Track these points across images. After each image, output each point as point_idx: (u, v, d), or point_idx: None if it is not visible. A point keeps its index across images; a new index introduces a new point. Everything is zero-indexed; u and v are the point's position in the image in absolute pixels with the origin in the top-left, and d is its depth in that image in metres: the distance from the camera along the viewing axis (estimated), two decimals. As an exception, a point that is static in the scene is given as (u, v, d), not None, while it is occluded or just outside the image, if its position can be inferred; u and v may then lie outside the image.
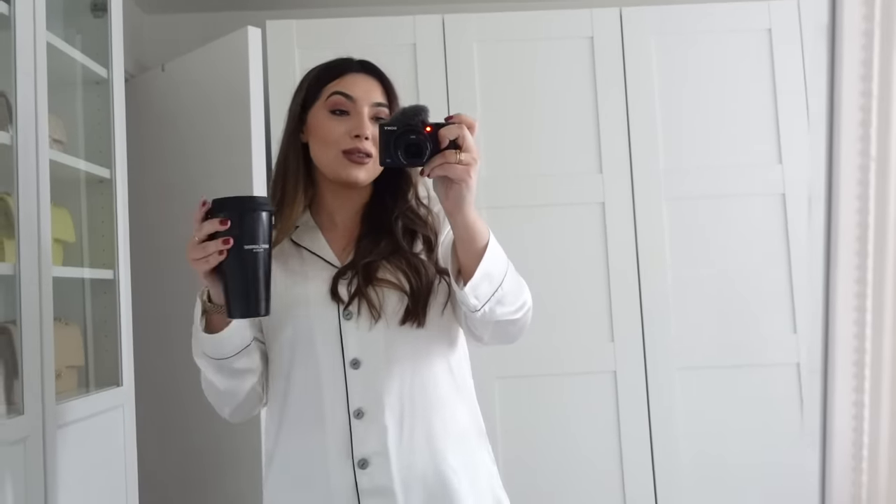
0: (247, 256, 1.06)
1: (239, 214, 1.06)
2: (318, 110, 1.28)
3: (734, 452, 2.43)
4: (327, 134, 1.25)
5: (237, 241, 1.05)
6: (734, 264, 2.47)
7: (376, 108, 1.26)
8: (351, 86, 1.27)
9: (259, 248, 1.07)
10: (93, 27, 2.03)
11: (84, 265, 1.97)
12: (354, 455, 1.18)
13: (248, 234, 1.06)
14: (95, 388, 1.94)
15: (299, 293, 1.23)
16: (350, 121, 1.25)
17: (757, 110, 2.52)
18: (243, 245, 1.06)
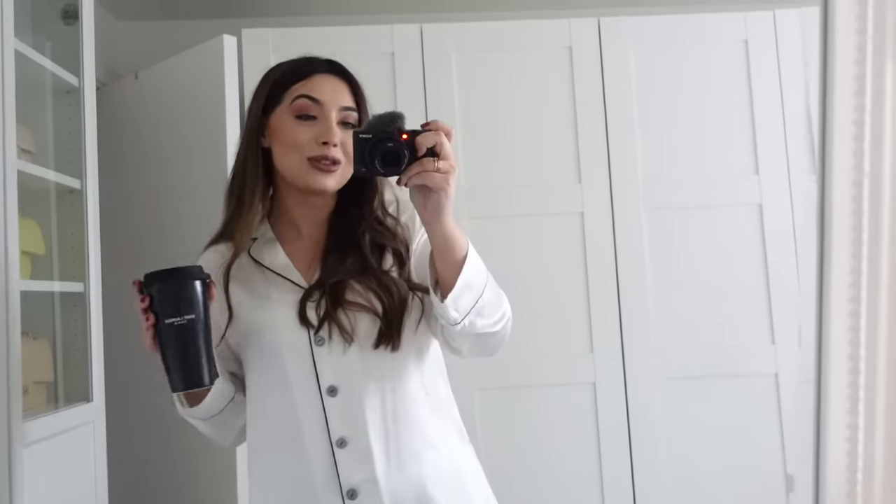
0: (168, 331, 1.04)
1: (157, 289, 1.04)
2: (282, 114, 1.21)
3: (714, 463, 2.43)
4: (292, 140, 1.19)
5: (158, 316, 1.04)
6: (713, 274, 2.48)
7: (344, 112, 1.21)
8: (318, 88, 1.20)
9: (181, 319, 1.03)
10: (63, 34, 1.99)
11: (54, 278, 1.92)
12: (342, 486, 1.14)
13: (170, 308, 1.04)
14: (65, 404, 1.88)
15: (266, 318, 1.18)
16: (317, 126, 1.19)
17: (734, 121, 2.53)
18: (164, 320, 1.04)
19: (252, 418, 1.21)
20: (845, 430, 0.63)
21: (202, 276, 1.07)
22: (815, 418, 0.65)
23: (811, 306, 0.64)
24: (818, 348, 0.64)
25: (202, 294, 1.06)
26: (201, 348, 1.05)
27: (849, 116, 0.60)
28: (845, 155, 0.59)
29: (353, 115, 1.22)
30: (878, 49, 0.59)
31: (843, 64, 0.60)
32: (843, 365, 0.62)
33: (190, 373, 1.05)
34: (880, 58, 0.59)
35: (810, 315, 0.64)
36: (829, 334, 0.64)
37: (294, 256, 1.22)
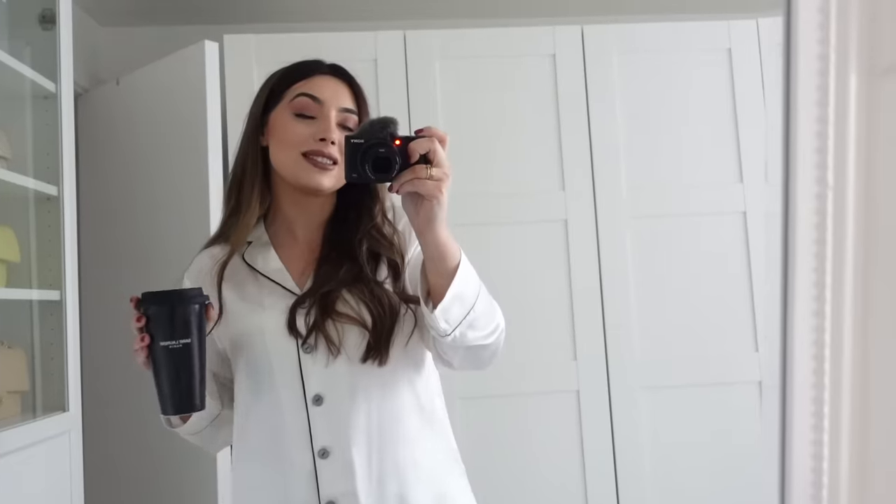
0: (163, 354, 1.02)
1: (154, 310, 1.03)
2: (281, 111, 1.19)
3: (697, 470, 2.43)
4: (289, 136, 1.17)
5: (155, 337, 1.02)
6: (696, 282, 2.48)
7: (344, 113, 1.19)
8: (318, 88, 1.19)
9: (177, 343, 1.02)
10: (41, 40, 1.97)
11: (31, 286, 1.90)
12: (321, 497, 1.12)
13: (166, 330, 1.02)
14: (41, 413, 1.86)
15: (255, 324, 1.16)
16: (315, 124, 1.17)
17: (718, 129, 2.53)
18: (159, 342, 1.02)
19: (238, 423, 1.19)
20: (810, 447, 0.62)
21: (200, 300, 1.05)
22: (780, 419, 0.65)
23: (775, 319, 0.63)
24: (782, 362, 0.63)
25: (199, 318, 1.04)
26: (195, 373, 1.03)
27: (811, 128, 0.59)
28: (808, 167, 0.59)
29: (353, 117, 1.20)
30: (841, 60, 0.59)
31: (805, 74, 0.59)
32: (808, 380, 0.61)
33: (181, 397, 1.03)
34: (843, 68, 0.58)
35: (774, 327, 0.64)
36: (794, 349, 0.63)
37: (288, 262, 1.20)
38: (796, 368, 0.63)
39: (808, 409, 0.63)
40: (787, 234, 0.59)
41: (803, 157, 0.58)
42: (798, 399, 0.61)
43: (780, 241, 0.62)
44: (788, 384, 0.63)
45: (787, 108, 0.59)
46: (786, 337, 0.62)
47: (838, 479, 0.60)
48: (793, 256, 0.59)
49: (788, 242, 0.59)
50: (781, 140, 0.60)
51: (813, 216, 0.57)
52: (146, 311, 1.03)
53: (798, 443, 0.61)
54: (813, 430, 0.61)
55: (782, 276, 0.61)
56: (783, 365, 0.63)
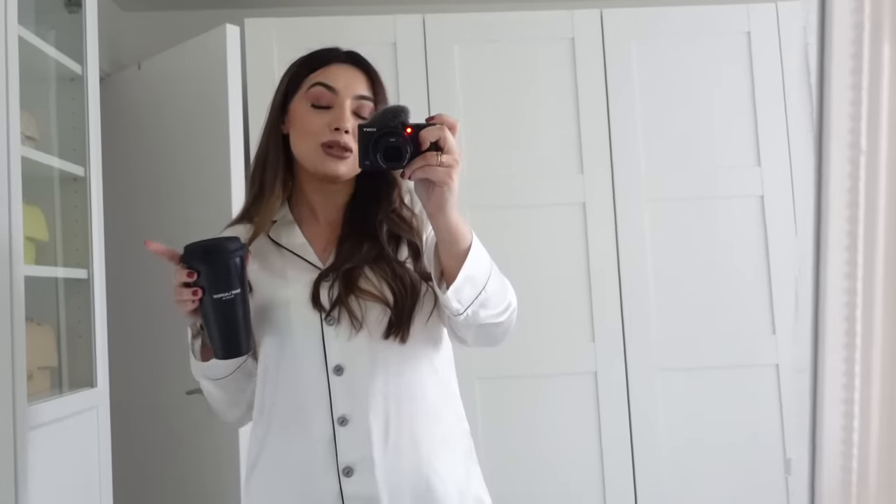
0: (217, 305, 1.08)
1: (205, 266, 1.07)
2: (299, 101, 1.24)
3: (714, 453, 2.44)
4: (307, 126, 1.21)
5: (206, 291, 1.07)
6: (714, 265, 2.48)
7: (359, 101, 1.22)
8: (334, 77, 1.23)
9: (229, 294, 1.08)
10: (67, 23, 1.99)
11: (57, 264, 1.93)
12: (339, 463, 1.16)
13: (216, 284, 1.07)
14: (69, 389, 1.90)
15: (280, 296, 1.20)
16: (331, 114, 1.21)
17: (736, 112, 2.53)
18: (212, 295, 1.07)
19: (260, 390, 1.23)
20: (841, 406, 0.64)
21: (243, 251, 1.11)
22: (810, 397, 0.66)
23: (808, 282, 0.64)
24: (814, 325, 0.65)
25: (242, 267, 1.10)
26: (241, 319, 1.09)
27: (845, 96, 0.61)
28: (842, 132, 0.60)
29: (369, 104, 1.23)
30: (875, 28, 0.60)
31: (839, 43, 0.60)
32: (839, 341, 0.62)
33: (231, 342, 1.09)
34: (877, 37, 0.59)
35: (807, 291, 0.65)
36: (825, 310, 0.64)
37: (311, 239, 1.25)
38: (828, 340, 0.64)
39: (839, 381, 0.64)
40: (820, 199, 0.60)
41: (837, 123, 0.59)
42: (829, 372, 0.63)
43: (812, 206, 0.63)
44: (820, 357, 0.64)
45: (821, 75, 0.60)
46: (817, 301, 0.64)
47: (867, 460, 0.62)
48: (825, 220, 0.60)
49: (821, 207, 0.60)
50: (815, 106, 0.61)
51: (846, 180, 0.59)
52: (195, 266, 1.07)
53: (829, 427, 0.62)
54: (843, 417, 0.63)
55: (815, 241, 0.63)
56: (814, 346, 0.64)
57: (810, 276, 0.65)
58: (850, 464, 0.63)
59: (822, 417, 0.64)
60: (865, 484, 0.63)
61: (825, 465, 0.63)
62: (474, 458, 1.28)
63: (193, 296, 1.07)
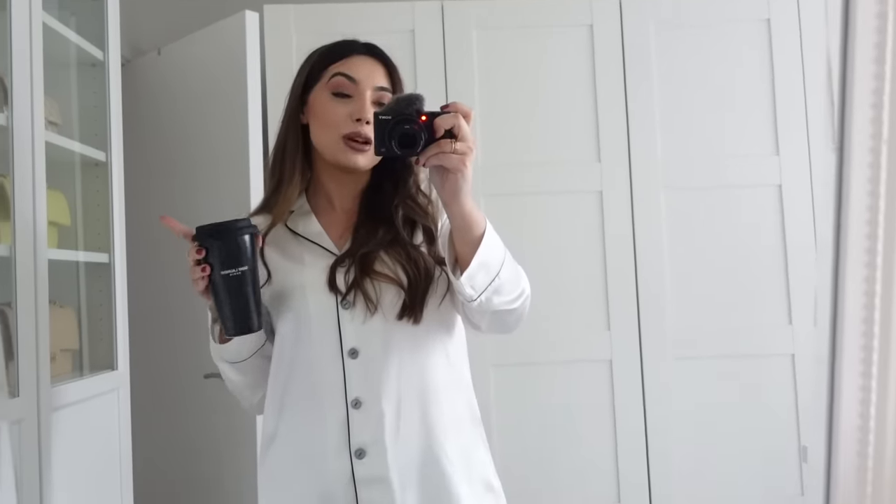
0: (225, 281, 1.10)
1: (214, 243, 1.11)
2: (319, 91, 1.26)
3: (728, 442, 2.44)
4: (328, 116, 1.23)
5: (215, 267, 1.10)
6: (730, 254, 2.48)
7: (379, 91, 1.25)
8: (354, 68, 1.25)
9: (237, 271, 1.10)
10: (89, 9, 2.01)
11: (79, 248, 1.95)
12: (352, 445, 1.18)
13: (225, 260, 1.10)
14: (90, 371, 1.93)
15: (297, 280, 1.22)
16: (352, 104, 1.23)
17: (755, 101, 2.52)
18: (220, 272, 1.10)
19: (275, 373, 1.25)
20: (858, 394, 0.64)
21: (251, 230, 1.13)
22: (828, 386, 0.66)
23: (827, 272, 0.65)
24: (832, 317, 0.65)
25: (252, 246, 1.12)
26: (251, 297, 1.12)
27: (868, 85, 0.61)
28: (864, 122, 0.60)
29: (388, 95, 1.26)
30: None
31: (863, 32, 0.60)
32: (857, 329, 0.63)
33: (241, 319, 1.12)
34: (901, 26, 0.59)
35: (826, 281, 0.65)
36: (845, 303, 0.65)
37: (327, 227, 1.27)
38: (846, 328, 0.64)
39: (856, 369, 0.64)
40: (841, 189, 0.61)
41: (860, 112, 0.59)
42: (847, 361, 0.63)
43: (833, 196, 0.63)
44: (838, 346, 0.64)
45: (844, 65, 0.60)
46: (837, 291, 0.64)
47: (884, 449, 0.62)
48: (846, 210, 0.60)
49: (842, 197, 0.60)
50: (838, 97, 0.61)
51: (867, 170, 0.59)
52: (205, 244, 1.11)
53: (846, 414, 0.63)
54: (860, 404, 0.63)
55: (834, 232, 0.63)
56: (832, 335, 0.65)
57: (829, 267, 0.65)
58: (867, 450, 0.63)
59: (840, 405, 0.64)
60: (881, 470, 0.63)
61: (841, 451, 0.64)
62: (485, 445, 1.30)
63: (203, 272, 1.10)
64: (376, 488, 1.17)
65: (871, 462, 0.64)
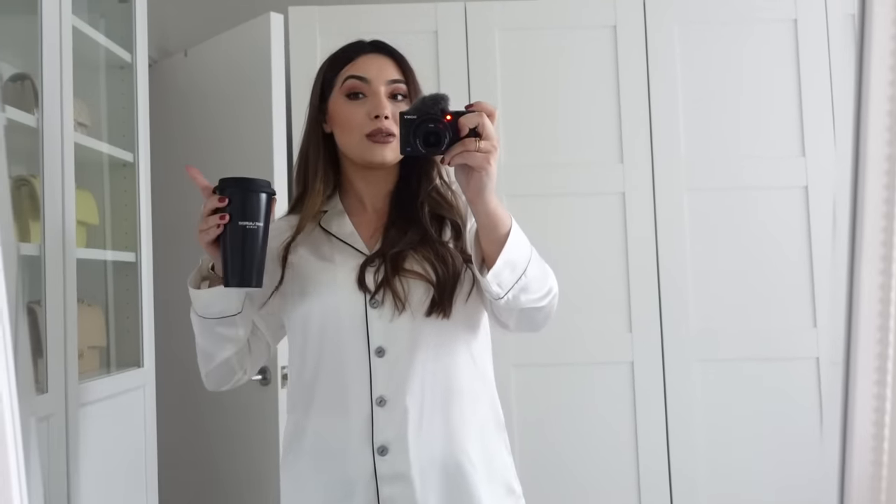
0: (241, 231, 1.13)
1: (237, 193, 1.14)
2: (336, 97, 1.28)
3: (751, 446, 2.42)
4: (348, 119, 1.26)
5: (233, 217, 1.13)
6: (754, 256, 2.46)
7: (392, 85, 1.27)
8: (364, 67, 1.27)
9: (254, 225, 1.13)
10: (117, 12, 2.05)
11: (106, 247, 1.99)
12: (375, 442, 1.19)
13: (244, 212, 1.13)
14: (117, 368, 1.96)
15: (328, 279, 1.24)
16: (368, 102, 1.25)
17: (780, 102, 2.49)
18: (238, 221, 1.13)
19: (300, 371, 1.27)
20: (872, 401, 0.64)
21: (270, 191, 1.17)
22: (842, 390, 0.66)
23: (842, 278, 0.64)
24: (847, 320, 0.65)
25: (268, 206, 1.16)
26: (259, 253, 1.14)
27: (884, 92, 0.61)
28: (880, 129, 0.60)
29: (402, 86, 1.28)
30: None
31: (879, 40, 0.60)
32: (873, 336, 0.63)
33: (247, 271, 1.14)
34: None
35: (840, 287, 0.65)
36: (859, 307, 0.64)
37: (359, 227, 1.29)
38: (861, 331, 0.64)
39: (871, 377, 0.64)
40: (856, 196, 0.61)
41: (875, 120, 0.59)
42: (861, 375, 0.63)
43: (849, 202, 0.63)
44: (853, 348, 0.64)
45: (860, 72, 0.60)
46: (851, 300, 0.64)
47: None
48: (861, 216, 0.60)
49: (857, 203, 0.60)
50: (853, 104, 0.61)
51: (883, 177, 0.59)
52: (227, 194, 1.14)
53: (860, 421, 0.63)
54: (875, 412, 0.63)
55: (850, 237, 0.63)
56: (847, 327, 0.64)
57: (844, 273, 0.65)
58: (881, 458, 0.63)
59: (854, 411, 0.64)
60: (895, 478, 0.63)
61: (855, 458, 0.64)
62: (507, 449, 1.30)
63: (220, 220, 1.12)
64: (398, 485, 1.19)
65: (886, 471, 0.64)
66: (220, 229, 1.13)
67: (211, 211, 1.14)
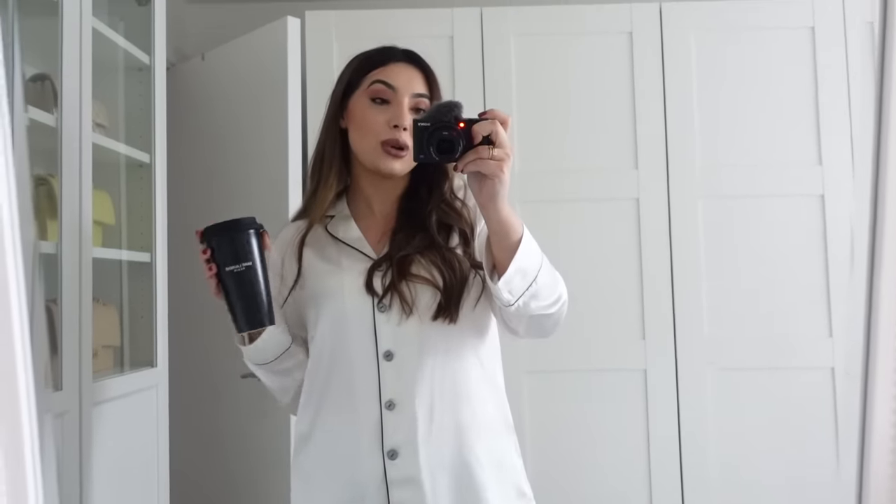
0: (231, 277, 1.14)
1: (217, 240, 1.15)
2: (359, 97, 1.28)
3: (764, 455, 2.41)
4: (366, 122, 1.26)
5: (221, 264, 1.15)
6: (769, 265, 2.44)
7: (417, 98, 1.26)
8: (393, 75, 1.27)
9: (241, 266, 1.14)
10: (136, 15, 2.07)
11: (122, 247, 2.00)
12: (385, 445, 1.20)
13: (226, 258, 1.14)
14: (130, 368, 1.97)
15: (335, 283, 1.25)
16: (390, 110, 1.25)
17: (797, 110, 2.48)
18: (224, 268, 1.14)
19: (312, 375, 1.28)
20: (891, 416, 0.63)
21: (255, 227, 1.17)
22: (861, 402, 0.66)
23: (860, 291, 0.64)
24: (867, 332, 0.64)
25: (257, 243, 1.16)
26: (260, 292, 1.15)
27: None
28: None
29: (426, 101, 1.28)
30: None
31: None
32: (891, 346, 0.62)
33: (250, 313, 1.15)
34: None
35: (858, 300, 0.65)
36: (878, 319, 0.64)
37: (366, 231, 1.30)
38: (880, 343, 0.64)
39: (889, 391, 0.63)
40: (877, 205, 0.60)
41: (895, 128, 0.59)
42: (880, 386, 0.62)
43: (868, 211, 0.63)
44: (871, 361, 0.64)
45: (881, 79, 0.60)
46: (871, 312, 0.63)
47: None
48: (881, 225, 0.60)
49: (877, 212, 0.60)
50: (873, 112, 0.61)
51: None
52: (210, 243, 1.15)
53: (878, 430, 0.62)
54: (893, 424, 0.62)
55: (870, 246, 0.62)
56: (867, 339, 0.64)
57: (864, 278, 0.65)
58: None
59: (873, 421, 0.64)
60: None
61: (873, 467, 0.63)
62: (517, 452, 1.30)
63: (209, 271, 1.14)
64: (408, 489, 1.19)
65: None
66: (214, 280, 1.15)
67: (203, 261, 1.16)
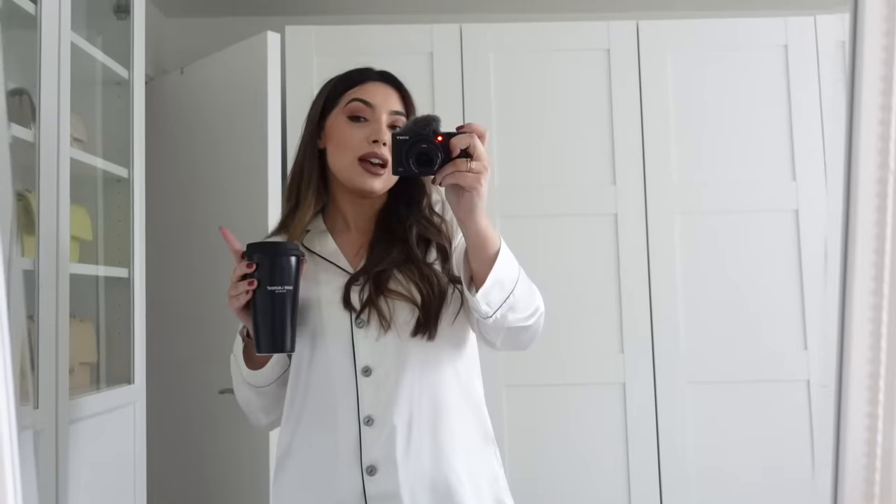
0: (270, 297, 1.14)
1: (265, 259, 1.15)
2: (336, 116, 1.29)
3: (742, 468, 2.43)
4: (344, 139, 1.27)
5: (262, 282, 1.14)
6: (746, 279, 2.47)
7: (394, 115, 1.28)
8: (370, 93, 1.28)
9: (282, 289, 1.14)
10: (115, 29, 2.06)
11: (99, 263, 1.99)
12: (363, 461, 1.19)
13: (272, 277, 1.14)
14: (107, 385, 1.95)
15: (312, 298, 1.24)
16: (368, 127, 1.26)
17: (771, 126, 2.52)
18: (267, 287, 1.14)
19: (291, 391, 1.27)
20: (864, 420, 0.65)
21: (298, 254, 1.17)
22: (835, 412, 0.67)
23: (833, 304, 0.65)
24: (840, 344, 0.66)
25: (297, 269, 1.17)
26: (290, 317, 1.15)
27: (875, 116, 0.62)
28: (871, 153, 0.61)
29: (402, 119, 1.29)
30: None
31: (870, 65, 0.62)
32: (864, 356, 0.64)
33: (276, 337, 1.15)
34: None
35: (832, 313, 0.66)
36: (851, 330, 0.65)
37: (343, 246, 1.30)
38: (853, 354, 0.65)
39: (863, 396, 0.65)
40: (848, 218, 0.62)
41: (866, 143, 0.60)
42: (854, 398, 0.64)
43: (841, 224, 0.64)
44: (845, 372, 0.65)
45: (852, 96, 0.62)
46: (843, 324, 0.65)
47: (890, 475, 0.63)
48: (853, 238, 0.61)
49: (849, 225, 0.61)
50: (844, 127, 0.62)
51: (874, 199, 0.60)
52: (254, 260, 1.15)
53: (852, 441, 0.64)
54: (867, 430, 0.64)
55: (842, 258, 0.64)
56: (840, 363, 0.65)
57: (837, 291, 0.66)
58: (874, 476, 0.64)
59: (846, 433, 0.65)
60: (888, 498, 0.64)
61: (848, 478, 0.65)
62: (499, 462, 1.30)
63: (249, 286, 1.13)
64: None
65: (878, 489, 0.64)
66: (249, 295, 1.14)
67: (240, 277, 1.15)
